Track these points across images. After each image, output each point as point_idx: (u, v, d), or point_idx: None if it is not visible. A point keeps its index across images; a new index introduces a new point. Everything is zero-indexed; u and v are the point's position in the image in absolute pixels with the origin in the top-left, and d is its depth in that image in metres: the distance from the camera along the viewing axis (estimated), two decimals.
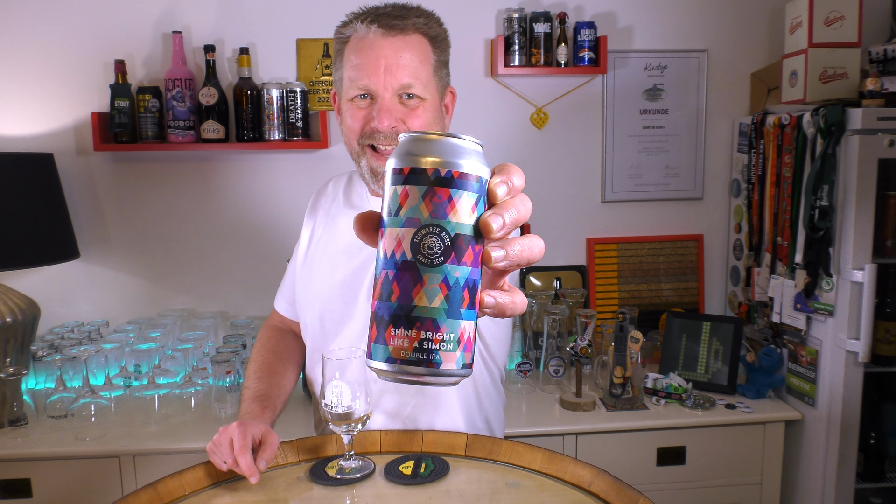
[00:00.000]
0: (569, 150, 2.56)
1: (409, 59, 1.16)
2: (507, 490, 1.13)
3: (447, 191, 0.49)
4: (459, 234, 0.50)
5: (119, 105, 2.24)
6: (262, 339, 1.47)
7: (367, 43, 1.15)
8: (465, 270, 0.50)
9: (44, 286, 2.38)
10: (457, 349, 0.50)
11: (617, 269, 2.61)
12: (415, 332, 0.50)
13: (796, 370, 2.21)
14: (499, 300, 0.53)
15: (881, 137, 1.95)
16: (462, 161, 0.50)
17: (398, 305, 0.50)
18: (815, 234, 2.03)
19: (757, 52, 2.56)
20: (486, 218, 0.50)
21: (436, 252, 0.49)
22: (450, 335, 0.50)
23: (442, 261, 0.49)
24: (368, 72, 1.15)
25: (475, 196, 0.50)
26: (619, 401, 2.15)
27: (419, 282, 0.49)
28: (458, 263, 0.50)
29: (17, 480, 1.94)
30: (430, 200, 0.49)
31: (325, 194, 1.43)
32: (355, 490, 1.12)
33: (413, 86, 1.16)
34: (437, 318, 0.50)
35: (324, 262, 1.34)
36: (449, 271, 0.50)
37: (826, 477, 2.11)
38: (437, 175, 0.49)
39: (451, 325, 0.50)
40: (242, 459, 1.09)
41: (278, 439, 1.18)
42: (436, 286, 0.49)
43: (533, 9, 2.44)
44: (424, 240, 0.49)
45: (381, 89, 1.16)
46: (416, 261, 0.49)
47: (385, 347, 0.50)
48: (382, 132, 1.17)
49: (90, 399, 2.02)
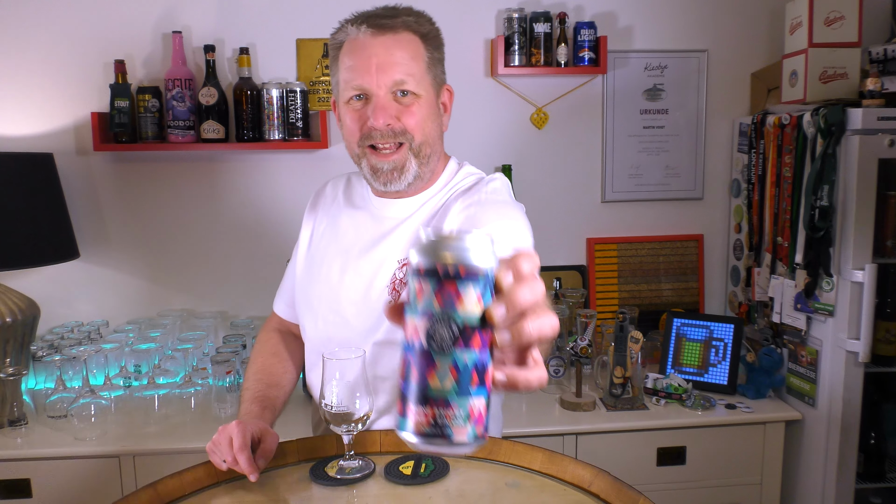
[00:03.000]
0: (569, 150, 2.56)
1: (400, 56, 1.18)
2: (507, 490, 1.13)
3: (454, 286, 0.56)
4: (467, 323, 0.56)
5: (119, 105, 2.24)
6: (261, 341, 1.47)
7: (359, 44, 1.18)
8: (474, 354, 0.56)
9: (44, 286, 2.38)
10: (467, 423, 0.57)
11: (617, 269, 2.61)
12: (429, 409, 0.57)
13: (796, 370, 2.20)
14: (511, 378, 0.59)
15: (881, 137, 1.95)
16: (468, 257, 0.56)
17: (416, 386, 0.58)
18: (816, 234, 2.03)
19: (757, 52, 2.56)
20: (490, 309, 0.56)
21: (446, 341, 0.56)
22: (460, 412, 0.57)
23: (452, 348, 0.56)
24: (361, 71, 1.17)
25: (481, 287, 0.56)
26: (619, 401, 2.15)
27: (433, 367, 0.56)
28: (466, 349, 0.56)
29: (17, 481, 1.94)
30: (440, 295, 0.56)
31: (324, 195, 1.43)
32: (355, 490, 1.12)
33: (406, 82, 1.18)
34: (448, 398, 0.57)
35: (325, 262, 1.33)
36: (458, 356, 0.56)
37: (826, 477, 2.11)
38: (446, 272, 0.56)
39: (462, 402, 0.57)
40: (241, 457, 1.09)
41: (278, 438, 1.18)
42: (446, 370, 0.56)
43: (533, 9, 2.44)
44: (437, 330, 0.56)
45: (374, 87, 1.17)
46: (430, 349, 0.56)
47: (408, 421, 0.59)
48: (379, 130, 1.18)
49: (90, 399, 2.02)
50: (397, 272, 1.26)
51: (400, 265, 1.26)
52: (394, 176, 1.21)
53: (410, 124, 1.20)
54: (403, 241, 1.28)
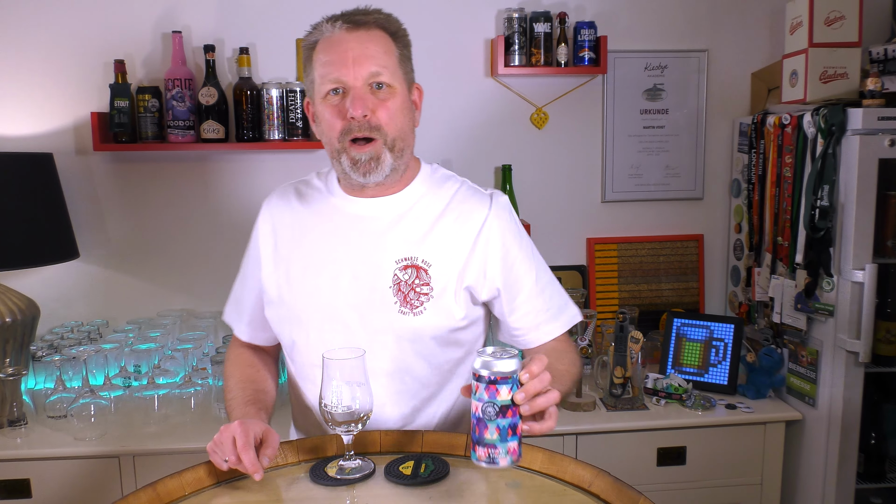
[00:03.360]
0: (569, 150, 2.56)
1: (374, 49, 1.21)
2: (507, 490, 1.13)
3: (495, 386, 0.98)
4: (504, 405, 0.98)
5: (119, 105, 2.24)
6: (232, 358, 1.44)
7: (335, 39, 1.22)
8: (508, 420, 0.99)
9: (43, 286, 2.38)
10: (507, 455, 1.00)
11: (617, 269, 2.61)
12: (485, 449, 1.00)
13: (797, 370, 2.20)
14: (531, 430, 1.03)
15: (882, 137, 1.95)
16: (502, 369, 0.98)
17: (478, 437, 1.00)
18: (816, 234, 2.03)
19: (757, 52, 2.56)
20: (514, 396, 0.99)
21: (491, 415, 0.99)
22: (504, 450, 1.00)
23: (495, 418, 0.99)
24: (338, 65, 1.20)
25: (510, 384, 0.99)
26: (619, 401, 2.15)
27: (486, 427, 0.99)
28: (504, 418, 0.99)
29: (17, 481, 1.94)
30: (487, 391, 0.98)
31: (277, 208, 1.38)
32: (355, 490, 1.12)
33: (381, 73, 1.21)
34: (496, 444, 0.99)
35: (308, 273, 1.30)
36: (499, 422, 0.99)
37: (826, 477, 2.11)
38: (491, 378, 0.98)
39: (503, 446, 0.99)
40: (246, 456, 1.09)
41: (279, 437, 1.18)
42: (493, 429, 0.99)
43: (533, 8, 2.44)
44: (486, 409, 0.99)
45: (351, 79, 1.20)
46: (485, 417, 0.99)
47: (476, 455, 1.01)
48: (357, 120, 1.20)
49: (90, 399, 2.02)
50: (398, 273, 1.26)
51: (401, 266, 1.26)
52: (372, 166, 1.23)
53: (384, 119, 1.22)
54: (397, 241, 1.28)
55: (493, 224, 1.29)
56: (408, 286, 1.25)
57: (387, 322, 1.26)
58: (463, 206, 1.30)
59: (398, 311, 1.25)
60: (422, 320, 1.25)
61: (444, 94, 2.48)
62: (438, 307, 1.26)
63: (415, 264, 1.26)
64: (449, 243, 1.28)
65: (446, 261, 1.27)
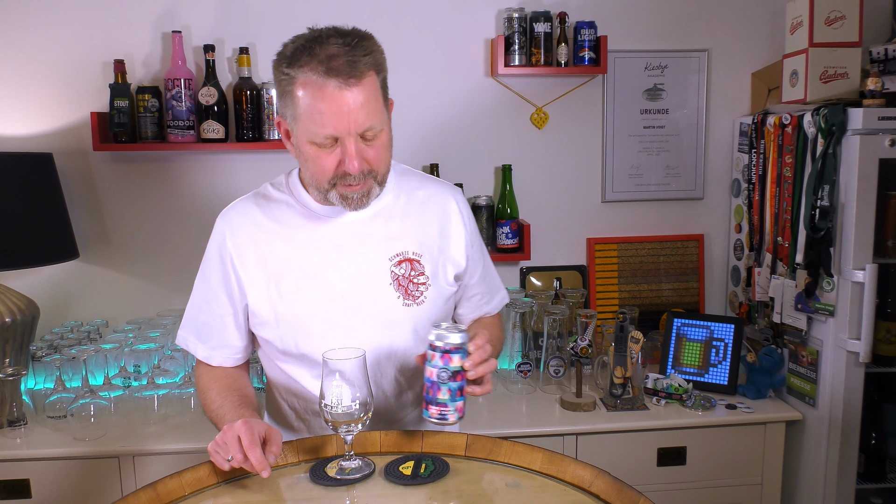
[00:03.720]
0: (569, 150, 2.56)
1: (364, 99, 1.18)
2: (507, 490, 1.13)
3: (448, 354, 1.16)
4: (455, 370, 1.17)
5: (118, 105, 2.24)
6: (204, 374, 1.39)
7: (328, 94, 1.16)
8: (457, 383, 1.17)
9: (43, 286, 2.38)
10: (455, 412, 1.19)
11: (617, 269, 2.61)
12: (437, 408, 1.18)
13: (797, 370, 2.20)
14: (473, 392, 1.21)
15: (882, 137, 1.95)
16: (454, 341, 1.16)
17: (431, 397, 1.18)
18: (816, 234, 2.03)
19: (757, 52, 2.56)
20: (464, 363, 1.17)
21: (444, 379, 1.17)
22: (453, 408, 1.18)
23: (447, 381, 1.17)
24: (333, 120, 1.18)
25: (460, 353, 1.17)
26: (619, 401, 2.15)
27: (439, 389, 1.17)
28: (454, 381, 1.17)
29: (17, 481, 1.94)
30: (442, 358, 1.16)
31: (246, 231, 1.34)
32: (355, 490, 1.12)
33: (374, 126, 1.21)
34: (447, 402, 1.18)
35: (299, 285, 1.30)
36: (451, 385, 1.17)
37: (827, 477, 2.11)
38: (446, 348, 1.16)
39: (452, 405, 1.18)
40: (253, 454, 1.09)
41: (282, 436, 1.18)
42: (445, 391, 1.17)
43: (533, 8, 2.44)
44: (440, 374, 1.16)
45: (345, 135, 1.19)
46: (439, 381, 1.17)
47: (428, 412, 1.19)
48: (353, 174, 1.21)
49: (89, 399, 2.02)
50: (394, 269, 1.32)
51: (396, 262, 1.33)
52: (362, 202, 1.27)
53: (375, 161, 1.24)
54: (385, 238, 1.34)
55: (463, 212, 1.42)
56: (406, 279, 1.33)
57: (393, 316, 1.32)
58: (435, 197, 1.40)
59: (402, 304, 1.32)
60: (425, 308, 1.34)
61: (443, 93, 2.48)
62: (435, 293, 1.35)
63: (408, 258, 1.34)
64: (429, 232, 1.37)
65: (431, 248, 1.36)
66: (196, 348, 1.39)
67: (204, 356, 1.39)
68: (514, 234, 2.44)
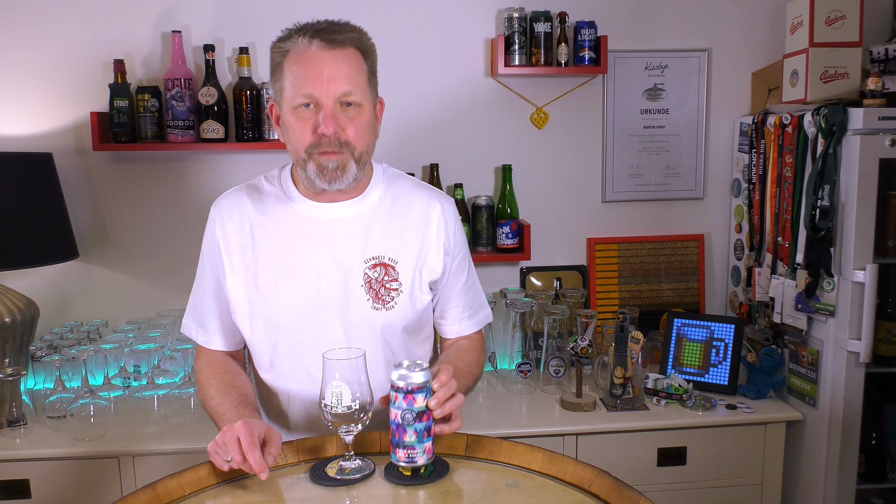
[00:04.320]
0: (569, 150, 2.56)
1: (347, 69, 1.25)
2: (507, 490, 1.12)
3: (412, 395, 1.12)
4: (419, 411, 1.12)
5: (118, 105, 2.24)
6: (204, 368, 1.41)
7: (310, 55, 1.24)
8: (423, 423, 1.13)
9: (43, 286, 2.38)
10: (424, 454, 1.14)
11: (617, 269, 2.61)
12: (405, 451, 1.13)
13: (797, 370, 2.20)
14: (441, 431, 1.17)
15: (882, 137, 1.95)
16: (417, 381, 1.12)
17: (398, 441, 1.13)
18: (817, 234, 2.03)
19: (758, 52, 2.56)
20: (429, 403, 1.14)
21: (409, 420, 1.12)
22: (421, 450, 1.13)
23: (413, 423, 1.12)
24: (312, 81, 1.24)
25: (424, 392, 1.13)
26: (619, 401, 2.15)
27: (405, 431, 1.12)
28: (420, 422, 1.13)
29: (16, 481, 1.94)
30: (405, 399, 1.12)
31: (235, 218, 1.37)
32: (355, 490, 1.12)
33: (353, 93, 1.25)
34: (414, 445, 1.13)
35: (280, 278, 1.33)
36: (416, 426, 1.12)
37: (827, 478, 2.10)
38: (408, 389, 1.12)
39: (420, 446, 1.13)
40: (252, 455, 1.09)
41: (281, 436, 1.18)
42: (411, 432, 1.12)
43: (533, 8, 2.43)
44: (405, 416, 1.12)
45: (324, 97, 1.24)
46: (404, 422, 1.12)
47: (396, 456, 1.14)
48: (328, 137, 1.24)
49: (89, 399, 2.02)
50: (368, 271, 1.33)
51: (370, 265, 1.33)
52: (337, 174, 1.27)
53: (352, 135, 1.26)
54: (363, 241, 1.34)
55: (448, 221, 1.41)
56: (378, 283, 1.34)
57: (362, 318, 1.33)
58: (420, 204, 1.40)
59: (371, 307, 1.33)
60: (394, 314, 1.34)
61: (443, 93, 2.48)
62: (407, 300, 1.35)
63: (383, 262, 1.34)
64: (409, 239, 1.37)
65: (409, 256, 1.36)
66: (197, 334, 1.45)
67: (203, 341, 1.44)
68: (514, 234, 2.44)
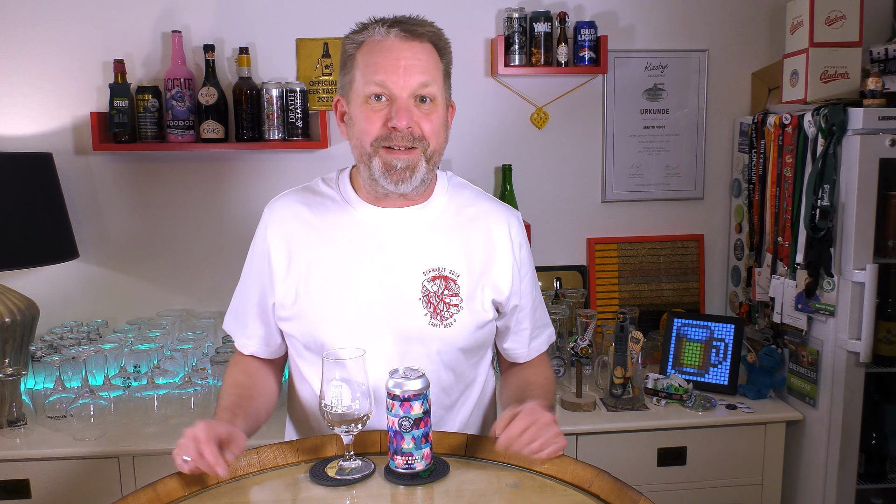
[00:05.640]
0: (569, 150, 2.56)
1: (425, 61, 1.20)
2: (507, 490, 1.12)
3: (408, 402, 1.11)
4: (416, 417, 1.11)
5: (118, 105, 2.24)
6: (231, 364, 1.40)
7: (388, 45, 1.18)
8: (421, 430, 1.12)
9: (43, 286, 2.38)
10: (422, 460, 1.13)
11: (617, 269, 2.61)
12: (403, 458, 1.12)
13: (797, 370, 2.20)
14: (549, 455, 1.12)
15: (882, 137, 1.95)
16: (413, 388, 1.11)
17: (395, 447, 1.13)
18: (817, 234, 2.02)
19: (758, 52, 2.56)
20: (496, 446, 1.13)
21: (407, 427, 1.11)
22: (419, 456, 1.13)
23: (410, 429, 1.11)
24: (388, 70, 1.17)
25: (421, 399, 1.11)
26: (619, 401, 2.15)
27: (403, 439, 1.12)
28: (418, 429, 1.12)
29: (16, 481, 1.94)
30: (402, 407, 1.11)
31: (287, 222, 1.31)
32: (355, 490, 1.12)
33: (430, 84, 1.19)
34: (412, 451, 1.12)
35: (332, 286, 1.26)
36: (414, 433, 1.11)
37: (827, 478, 2.10)
38: (405, 396, 1.11)
39: (418, 453, 1.12)
40: (207, 449, 1.06)
41: (246, 439, 1.15)
42: (409, 439, 1.11)
43: (533, 8, 2.44)
44: (402, 423, 1.11)
45: (399, 89, 1.18)
46: (401, 430, 1.11)
47: (394, 463, 1.13)
48: (400, 131, 1.18)
49: (89, 399, 2.01)
50: (427, 284, 1.25)
51: (430, 277, 1.25)
52: (406, 175, 1.20)
53: (427, 130, 1.21)
54: (424, 251, 1.27)
55: (515, 238, 1.33)
56: (437, 297, 1.25)
57: (417, 334, 1.25)
58: (486, 216, 1.32)
59: (429, 322, 1.25)
60: (452, 331, 1.26)
61: None
62: (467, 318, 1.27)
63: (443, 275, 1.26)
64: (474, 253, 1.29)
65: (472, 271, 1.28)
66: (235, 332, 1.40)
67: (240, 344, 1.39)
68: None
